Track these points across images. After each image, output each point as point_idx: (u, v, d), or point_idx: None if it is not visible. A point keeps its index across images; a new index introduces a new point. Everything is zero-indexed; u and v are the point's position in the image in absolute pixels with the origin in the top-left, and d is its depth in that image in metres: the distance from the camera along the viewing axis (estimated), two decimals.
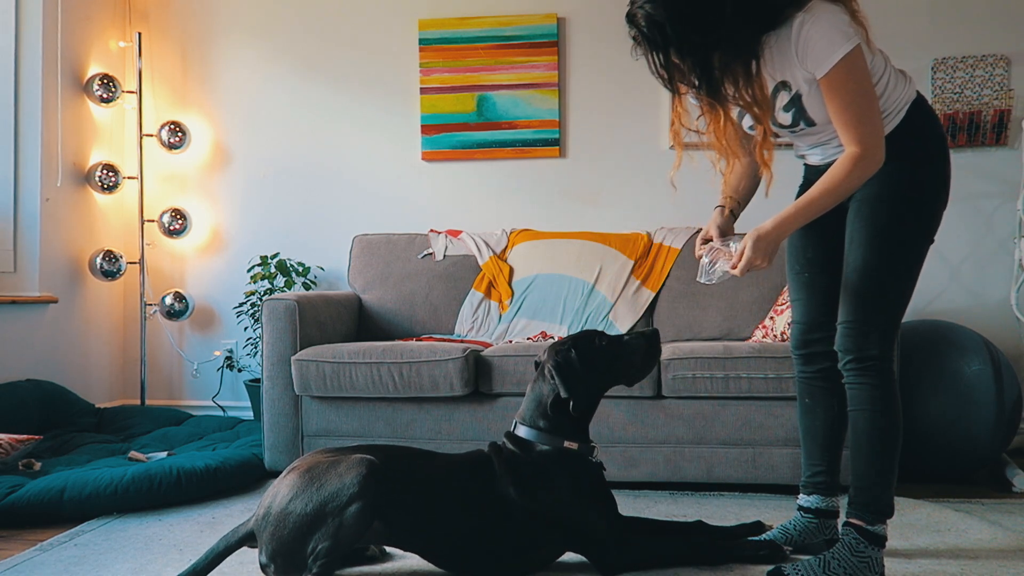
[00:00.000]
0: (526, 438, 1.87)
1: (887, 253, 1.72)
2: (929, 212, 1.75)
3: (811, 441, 1.96)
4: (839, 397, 1.88)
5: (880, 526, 1.74)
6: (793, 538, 1.94)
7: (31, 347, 3.31)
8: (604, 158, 3.57)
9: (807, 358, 1.94)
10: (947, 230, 3.32)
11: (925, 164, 1.73)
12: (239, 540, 1.70)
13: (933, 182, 1.74)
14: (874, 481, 1.74)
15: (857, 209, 1.76)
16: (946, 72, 3.32)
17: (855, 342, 1.73)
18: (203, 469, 2.50)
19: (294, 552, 1.63)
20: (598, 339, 1.89)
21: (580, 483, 1.83)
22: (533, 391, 1.91)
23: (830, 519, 1.95)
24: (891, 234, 1.71)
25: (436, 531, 1.76)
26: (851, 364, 1.75)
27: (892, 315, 1.73)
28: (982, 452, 2.62)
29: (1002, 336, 3.18)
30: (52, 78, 3.43)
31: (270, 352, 2.74)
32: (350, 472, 1.64)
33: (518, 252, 3.31)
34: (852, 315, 1.74)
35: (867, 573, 1.71)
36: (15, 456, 2.63)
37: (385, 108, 3.71)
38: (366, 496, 1.62)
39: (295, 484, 1.66)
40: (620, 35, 1.70)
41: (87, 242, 3.65)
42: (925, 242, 1.76)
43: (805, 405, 1.97)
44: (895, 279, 1.72)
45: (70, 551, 2.04)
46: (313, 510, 1.62)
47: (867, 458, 1.75)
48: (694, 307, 3.11)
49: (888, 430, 1.75)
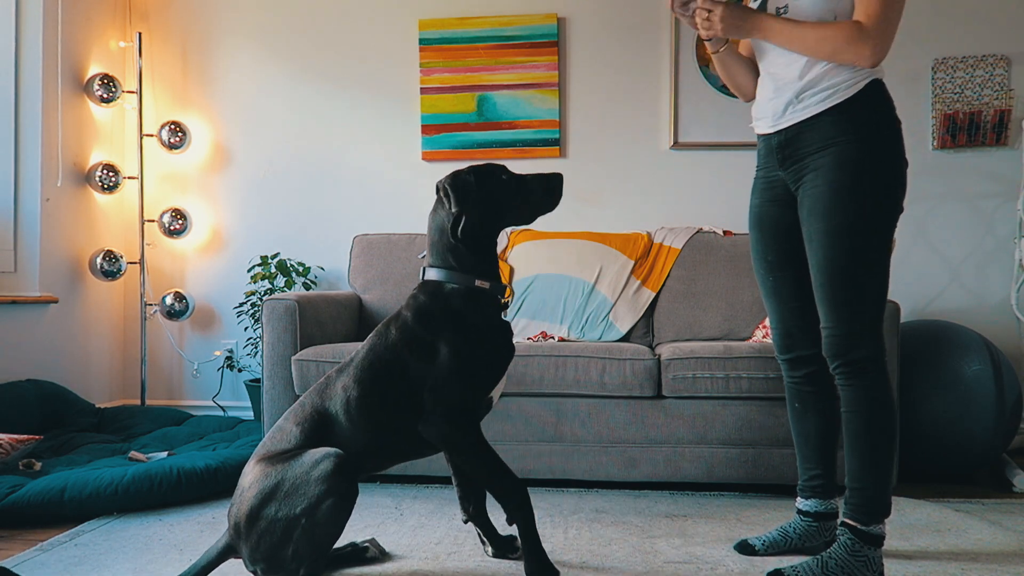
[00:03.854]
0: (436, 279, 1.79)
1: (852, 249, 1.66)
2: (890, 199, 1.69)
3: (805, 445, 1.95)
4: (829, 400, 1.89)
5: (876, 526, 1.72)
6: (793, 540, 1.95)
7: (31, 347, 3.31)
8: (604, 158, 3.58)
9: (791, 363, 1.93)
10: (947, 230, 3.37)
11: (876, 148, 1.67)
12: (219, 555, 1.68)
13: (886, 166, 1.68)
14: (869, 482, 1.72)
15: (812, 205, 1.71)
16: (946, 72, 3.33)
17: (841, 347, 1.70)
18: (203, 469, 2.50)
19: (275, 556, 1.59)
20: (500, 171, 1.83)
21: (482, 334, 1.75)
22: (434, 222, 1.82)
23: (830, 521, 1.95)
24: (856, 229, 1.66)
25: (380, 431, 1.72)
26: (841, 368, 1.72)
27: (874, 312, 1.69)
28: (982, 452, 2.62)
29: (1002, 336, 3.19)
30: (52, 78, 3.43)
31: (270, 352, 2.74)
32: (317, 468, 1.58)
33: (518, 252, 3.31)
34: (834, 320, 1.70)
35: (865, 572, 1.71)
36: (15, 456, 2.63)
37: (385, 108, 3.71)
38: (336, 492, 1.57)
39: (260, 489, 1.60)
40: (620, 35, 1.71)
41: (87, 242, 3.65)
42: (889, 229, 1.70)
43: (795, 410, 1.96)
44: (868, 275, 1.67)
45: (70, 551, 2.04)
46: (284, 516, 1.57)
47: (861, 459, 1.72)
48: (694, 307, 3.11)
49: (882, 430, 1.71)
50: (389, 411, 1.72)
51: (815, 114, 1.71)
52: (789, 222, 1.82)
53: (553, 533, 2.16)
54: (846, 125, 1.67)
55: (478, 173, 1.80)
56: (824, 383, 1.88)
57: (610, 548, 2.04)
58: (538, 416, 2.60)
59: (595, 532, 2.17)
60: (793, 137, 1.75)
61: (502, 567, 1.91)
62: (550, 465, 2.60)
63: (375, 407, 1.71)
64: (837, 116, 1.68)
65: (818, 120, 1.71)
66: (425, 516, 2.33)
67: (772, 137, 1.81)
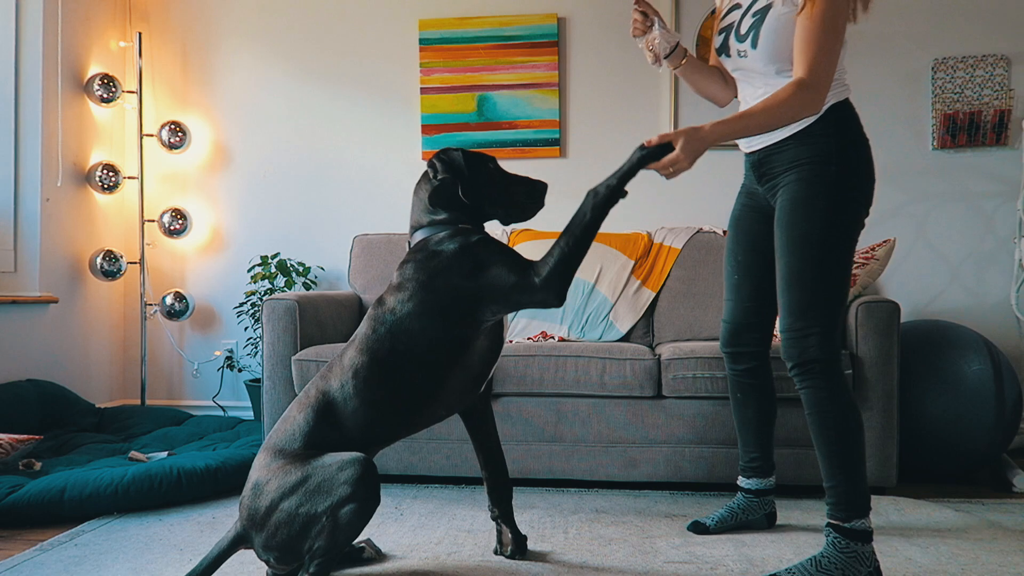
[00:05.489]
0: (421, 237, 1.81)
1: (811, 258, 1.77)
2: (849, 214, 1.79)
3: (745, 431, 2.17)
4: (767, 391, 2.13)
5: (858, 521, 1.76)
6: (738, 515, 2.17)
7: (31, 347, 3.31)
8: (604, 158, 3.57)
9: (734, 357, 2.11)
10: (947, 230, 3.38)
11: (844, 165, 1.78)
12: (231, 544, 1.68)
13: (851, 183, 1.78)
14: (840, 479, 1.77)
15: (779, 217, 1.84)
16: (946, 72, 3.33)
17: (796, 350, 1.79)
18: (203, 469, 2.50)
19: (291, 547, 1.60)
20: (488, 160, 1.86)
21: (480, 248, 1.75)
22: (416, 196, 1.85)
23: (767, 496, 2.19)
24: (813, 238, 1.76)
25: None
26: (796, 370, 1.81)
27: (830, 318, 1.77)
28: (982, 452, 2.62)
29: (1002, 336, 3.19)
30: (52, 78, 3.43)
31: (270, 352, 2.74)
32: (344, 472, 1.59)
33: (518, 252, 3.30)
34: (791, 324, 1.79)
35: (858, 566, 1.74)
36: (15, 456, 2.63)
37: (385, 108, 3.71)
38: (361, 497, 1.58)
39: (282, 483, 1.61)
40: (620, 35, 1.72)
41: (87, 242, 3.65)
42: (849, 241, 1.80)
43: (737, 399, 2.16)
44: (824, 283, 1.77)
45: (70, 551, 2.04)
46: (306, 513, 1.58)
47: (829, 458, 1.78)
48: (694, 307, 3.11)
49: (843, 429, 1.77)
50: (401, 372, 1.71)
51: (782, 139, 1.84)
52: (764, 231, 1.99)
53: (553, 533, 2.16)
54: (809, 148, 1.80)
55: (467, 153, 1.84)
56: (763, 377, 2.10)
57: (610, 548, 2.04)
58: (538, 416, 2.60)
59: (595, 532, 2.17)
60: (765, 158, 1.90)
61: (503, 567, 1.91)
62: (550, 465, 2.60)
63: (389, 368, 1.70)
64: (801, 140, 1.81)
65: (785, 144, 1.84)
66: (425, 516, 2.33)
67: (749, 156, 1.98)
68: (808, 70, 1.70)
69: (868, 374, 2.46)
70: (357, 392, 1.71)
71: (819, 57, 1.69)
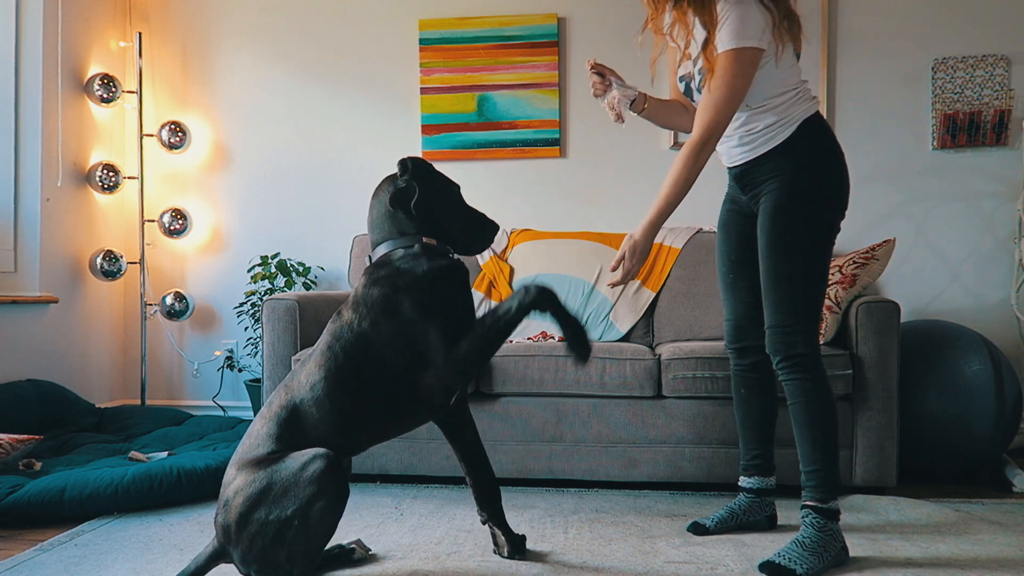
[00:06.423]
0: (383, 252, 1.79)
1: (789, 261, 1.91)
2: (824, 219, 1.93)
3: (747, 428, 2.20)
4: (770, 388, 2.17)
5: (833, 502, 1.91)
6: (739, 516, 2.18)
7: (31, 347, 3.31)
8: (604, 158, 3.58)
9: (740, 352, 2.17)
10: (947, 230, 3.38)
11: (816, 175, 1.92)
12: (208, 560, 1.67)
13: (825, 191, 1.92)
14: (820, 464, 1.91)
15: (762, 223, 1.97)
16: (946, 72, 3.32)
17: (782, 344, 1.92)
18: (204, 469, 2.50)
19: (268, 558, 1.59)
20: (455, 187, 1.89)
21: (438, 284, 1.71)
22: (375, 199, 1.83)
23: (768, 497, 2.21)
24: (792, 242, 1.91)
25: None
26: (782, 363, 1.94)
27: (811, 314, 1.92)
28: (982, 452, 2.62)
29: (1002, 336, 3.19)
30: (52, 78, 3.43)
31: (270, 352, 2.74)
32: (307, 470, 1.57)
33: (519, 252, 3.31)
34: (776, 320, 1.93)
35: (833, 543, 1.89)
36: (15, 456, 2.63)
37: (385, 108, 3.71)
38: (328, 493, 1.56)
39: (249, 494, 1.59)
40: (620, 35, 1.72)
41: (87, 242, 3.65)
42: (825, 244, 1.94)
43: (741, 395, 2.20)
44: (805, 283, 1.91)
45: (70, 551, 2.04)
46: (276, 518, 1.56)
47: (810, 444, 1.92)
48: (694, 307, 3.11)
49: (824, 416, 1.92)
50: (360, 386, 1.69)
51: (761, 154, 1.97)
52: (749, 232, 2.08)
53: (553, 533, 2.16)
54: (785, 161, 1.93)
55: (436, 170, 1.88)
56: (766, 372, 2.14)
57: (610, 548, 2.04)
58: (538, 416, 2.60)
59: (595, 532, 2.17)
60: (746, 171, 2.03)
61: (502, 567, 1.91)
62: (550, 465, 2.60)
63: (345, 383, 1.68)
64: (778, 154, 1.94)
65: (763, 158, 1.97)
66: (425, 516, 2.33)
67: (731, 170, 2.10)
68: (703, 131, 1.88)
69: (868, 374, 2.46)
70: (317, 404, 1.69)
71: (713, 120, 1.87)
